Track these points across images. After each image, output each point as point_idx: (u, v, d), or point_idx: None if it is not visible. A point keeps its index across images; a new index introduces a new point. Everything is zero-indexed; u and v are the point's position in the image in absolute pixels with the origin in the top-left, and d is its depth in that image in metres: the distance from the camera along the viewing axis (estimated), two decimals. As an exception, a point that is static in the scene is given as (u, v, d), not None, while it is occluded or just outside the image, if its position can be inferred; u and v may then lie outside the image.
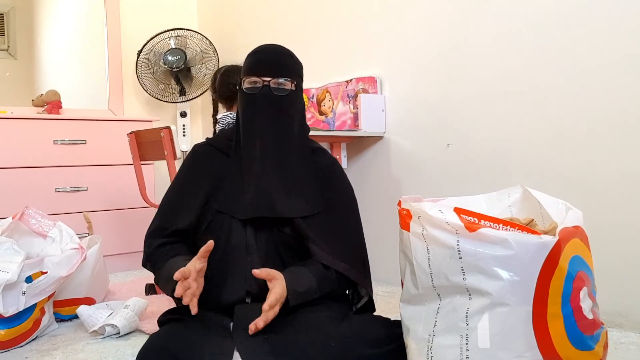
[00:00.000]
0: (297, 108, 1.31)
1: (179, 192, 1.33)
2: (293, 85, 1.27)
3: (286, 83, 1.26)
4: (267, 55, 1.28)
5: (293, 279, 1.16)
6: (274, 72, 1.25)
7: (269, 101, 1.25)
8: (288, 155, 1.27)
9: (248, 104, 1.28)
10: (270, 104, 1.25)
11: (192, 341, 1.08)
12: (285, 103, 1.27)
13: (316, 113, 2.55)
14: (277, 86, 1.25)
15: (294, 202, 1.24)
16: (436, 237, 0.98)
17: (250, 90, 1.26)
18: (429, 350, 0.98)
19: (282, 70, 1.26)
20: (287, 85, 1.27)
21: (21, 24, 2.92)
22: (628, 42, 1.58)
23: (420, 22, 2.14)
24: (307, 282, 1.17)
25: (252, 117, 1.27)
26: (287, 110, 1.28)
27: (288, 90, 1.27)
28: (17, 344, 1.55)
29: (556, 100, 1.74)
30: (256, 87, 1.26)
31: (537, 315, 0.93)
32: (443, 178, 2.06)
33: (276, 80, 1.25)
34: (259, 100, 1.25)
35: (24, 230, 1.76)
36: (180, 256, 1.22)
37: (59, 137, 2.55)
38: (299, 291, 1.15)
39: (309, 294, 1.17)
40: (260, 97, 1.25)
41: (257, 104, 1.26)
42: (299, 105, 1.32)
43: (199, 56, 3.12)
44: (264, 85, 1.25)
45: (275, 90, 1.25)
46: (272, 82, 1.25)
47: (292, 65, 1.30)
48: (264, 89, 1.25)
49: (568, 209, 1.08)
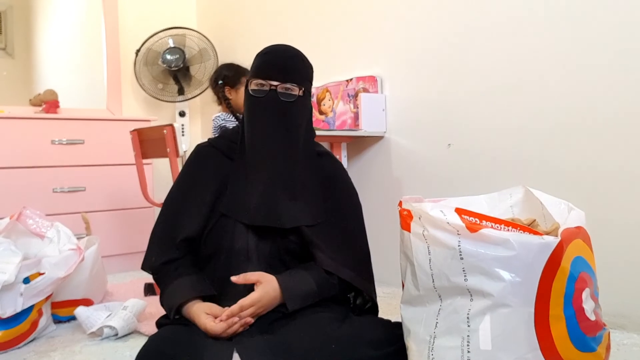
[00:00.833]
0: (304, 114, 1.28)
1: (184, 196, 1.30)
2: (301, 91, 1.24)
3: (294, 89, 1.22)
4: (276, 58, 1.23)
5: (291, 283, 1.16)
6: (282, 77, 1.21)
7: (275, 107, 1.22)
8: (293, 162, 1.25)
9: (253, 107, 1.25)
10: (276, 109, 1.22)
11: (191, 343, 1.07)
12: (292, 109, 1.23)
13: (316, 112, 2.54)
14: (284, 91, 1.22)
15: (298, 209, 1.23)
16: (437, 237, 0.97)
17: (257, 93, 1.23)
18: (430, 352, 0.98)
19: (290, 75, 1.22)
20: (295, 91, 1.23)
21: (19, 23, 2.91)
22: (632, 40, 1.57)
23: (421, 21, 2.13)
24: (307, 285, 1.17)
25: (257, 121, 1.25)
26: (294, 116, 1.24)
27: (295, 96, 1.23)
28: (15, 345, 1.54)
29: (558, 100, 1.73)
30: (263, 90, 1.22)
31: (539, 316, 0.92)
32: (444, 178, 2.05)
33: (284, 85, 1.21)
34: (265, 105, 1.22)
35: (22, 231, 1.75)
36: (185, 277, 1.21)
37: (57, 136, 2.54)
38: (297, 295, 1.15)
39: (308, 297, 1.16)
40: (266, 101, 1.22)
41: (263, 109, 1.23)
42: (306, 112, 1.29)
43: (197, 55, 3.11)
44: (270, 90, 1.21)
45: (282, 96, 1.22)
46: (279, 87, 1.21)
47: (302, 69, 1.25)
48: (271, 93, 1.21)
49: (570, 210, 1.07)
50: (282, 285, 1.15)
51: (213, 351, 1.03)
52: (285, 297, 1.14)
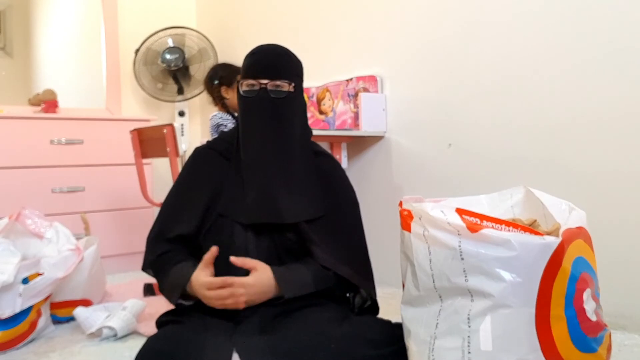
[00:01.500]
0: (297, 110, 1.30)
1: (180, 196, 1.32)
2: (292, 87, 1.26)
3: (284, 85, 1.25)
4: (264, 57, 1.26)
5: (286, 273, 1.18)
6: (271, 74, 1.24)
7: (267, 104, 1.24)
8: (289, 158, 1.26)
9: (246, 107, 1.27)
10: (268, 107, 1.24)
11: (190, 343, 1.07)
12: (284, 106, 1.25)
13: (316, 112, 2.53)
14: (274, 88, 1.24)
15: (296, 205, 1.24)
16: (438, 238, 0.97)
17: (248, 93, 1.25)
18: (430, 353, 0.97)
19: (279, 72, 1.25)
20: (285, 87, 1.25)
21: (17, 22, 2.91)
22: (632, 38, 1.57)
23: (421, 21, 2.13)
24: (302, 276, 1.19)
25: (251, 120, 1.27)
26: (286, 112, 1.26)
27: (286, 92, 1.25)
28: (14, 346, 1.54)
29: (558, 100, 1.73)
30: (253, 90, 1.25)
31: (540, 317, 0.92)
32: (444, 178, 2.05)
33: (274, 83, 1.24)
34: (257, 104, 1.24)
35: (21, 231, 1.75)
36: (184, 262, 1.23)
37: (56, 136, 2.53)
38: (291, 281, 1.17)
39: (303, 287, 1.18)
40: (258, 100, 1.24)
41: (255, 108, 1.25)
42: (299, 107, 1.31)
43: (197, 55, 3.10)
44: (261, 88, 1.24)
45: (272, 93, 1.24)
46: (269, 84, 1.24)
47: (290, 65, 1.28)
48: (261, 91, 1.24)
49: (571, 210, 1.07)
50: (277, 275, 1.17)
51: (213, 351, 1.03)
52: (280, 285, 1.16)
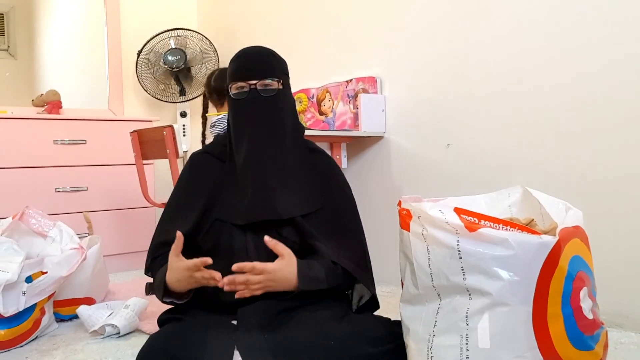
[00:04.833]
0: (287, 106, 1.31)
1: (177, 202, 1.34)
2: (280, 84, 1.27)
3: (273, 83, 1.26)
4: (250, 59, 1.27)
5: (305, 264, 1.18)
6: (259, 74, 1.25)
7: (258, 104, 1.25)
8: (283, 153, 1.27)
9: (238, 109, 1.28)
10: (260, 106, 1.25)
11: (192, 341, 1.08)
12: (275, 103, 1.27)
13: (316, 113, 2.54)
14: (264, 87, 1.26)
15: (293, 199, 1.24)
16: (436, 237, 0.98)
17: (239, 95, 1.27)
18: (429, 350, 0.98)
19: (267, 71, 1.26)
20: (274, 85, 1.27)
21: (21, 24, 2.92)
22: (629, 42, 1.58)
23: (421, 21, 2.14)
24: (317, 270, 1.19)
25: (244, 121, 1.27)
26: (278, 109, 1.28)
27: (275, 89, 1.27)
28: (17, 344, 1.55)
29: (556, 100, 1.74)
30: (244, 91, 1.26)
31: (537, 315, 0.93)
32: (443, 178, 2.06)
33: (262, 82, 1.25)
34: (248, 104, 1.26)
35: (24, 230, 1.76)
36: None
37: (59, 137, 2.55)
38: (309, 276, 1.17)
39: (318, 282, 1.18)
40: (249, 100, 1.25)
41: (247, 108, 1.26)
42: (289, 103, 1.32)
43: (199, 56, 3.12)
44: (251, 89, 1.25)
45: (262, 92, 1.25)
46: (258, 84, 1.25)
47: (276, 64, 1.29)
48: (252, 92, 1.25)
49: (568, 209, 1.08)
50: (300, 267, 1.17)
51: (214, 349, 1.04)
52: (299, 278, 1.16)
